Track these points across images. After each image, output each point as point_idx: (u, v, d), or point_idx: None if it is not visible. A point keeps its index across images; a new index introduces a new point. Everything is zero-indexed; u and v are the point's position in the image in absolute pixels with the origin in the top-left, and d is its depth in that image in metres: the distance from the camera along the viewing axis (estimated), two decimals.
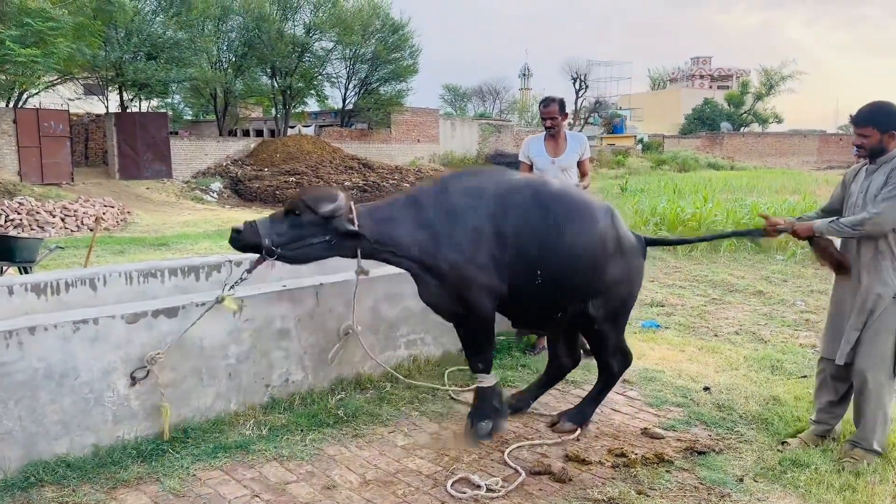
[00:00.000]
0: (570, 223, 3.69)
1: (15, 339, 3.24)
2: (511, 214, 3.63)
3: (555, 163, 5.49)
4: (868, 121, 3.49)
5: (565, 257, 3.66)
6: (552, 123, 5.47)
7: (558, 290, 3.74)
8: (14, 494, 3.16)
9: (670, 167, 37.82)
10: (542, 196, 3.73)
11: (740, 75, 64.00)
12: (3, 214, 14.70)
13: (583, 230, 3.70)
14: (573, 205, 3.78)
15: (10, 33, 14.13)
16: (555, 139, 5.55)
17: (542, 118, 5.53)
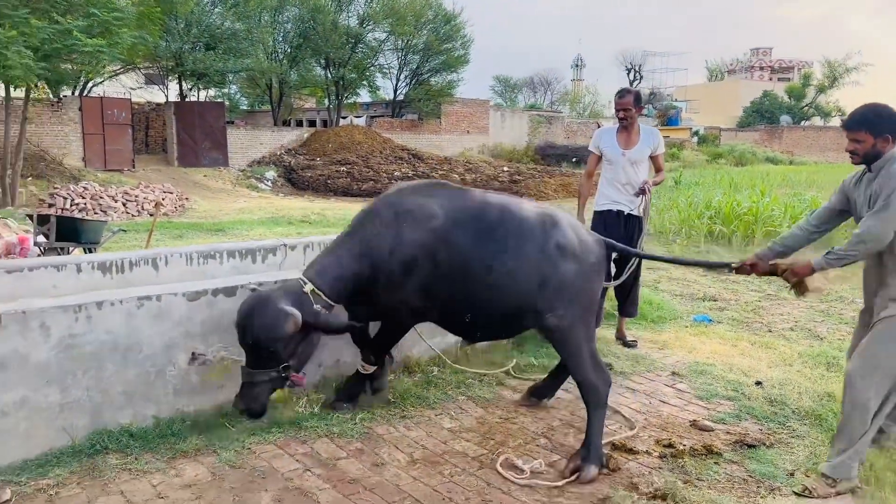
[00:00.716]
0: (499, 256, 3.53)
1: (84, 313, 3.41)
2: (441, 249, 3.54)
3: (625, 155, 5.41)
4: (861, 124, 3.29)
5: (495, 287, 3.54)
6: (625, 115, 5.38)
7: (496, 315, 3.66)
8: (81, 460, 3.33)
9: (726, 161, 36.96)
10: (473, 225, 3.60)
11: (802, 67, 62.03)
12: (68, 198, 15.31)
13: (516, 255, 3.54)
14: (508, 234, 3.58)
15: (77, 24, 14.59)
16: (627, 131, 5.45)
17: (616, 109, 5.45)
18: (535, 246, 3.56)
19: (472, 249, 3.54)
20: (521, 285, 3.53)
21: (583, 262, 3.64)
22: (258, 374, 3.42)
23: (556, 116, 40.32)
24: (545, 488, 3.26)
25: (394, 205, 3.72)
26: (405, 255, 3.56)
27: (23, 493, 3.05)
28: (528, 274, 3.53)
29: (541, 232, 3.60)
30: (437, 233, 3.57)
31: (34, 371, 3.27)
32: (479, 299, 3.58)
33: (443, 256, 3.55)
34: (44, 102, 20.29)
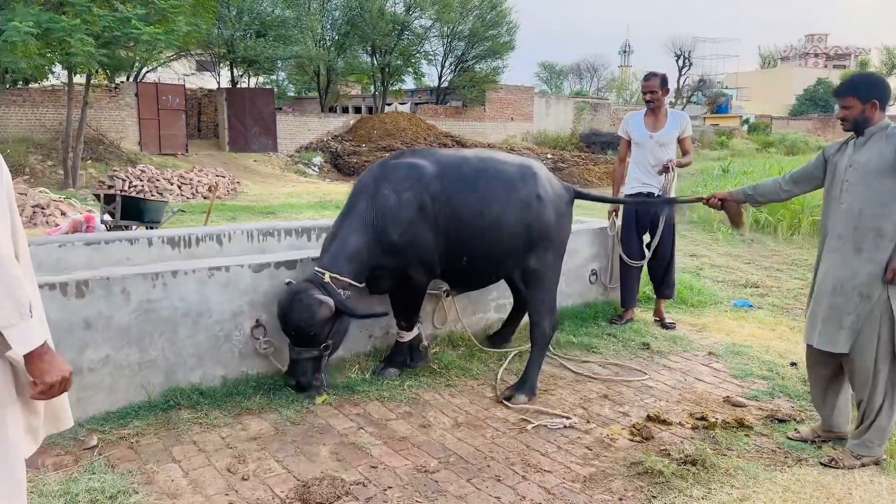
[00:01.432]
0: (485, 199, 4.00)
1: (160, 281, 3.74)
2: (431, 200, 3.95)
3: (653, 137, 5.53)
4: (848, 91, 3.37)
5: (486, 233, 4.01)
6: (651, 98, 5.51)
7: (489, 261, 4.15)
8: (157, 414, 3.67)
9: (777, 150, 36.19)
10: (454, 177, 4.04)
11: (859, 54, 60.14)
12: (126, 181, 15.95)
13: (499, 203, 4.01)
14: (491, 183, 4.05)
15: (135, 12, 15.17)
16: (654, 114, 5.58)
17: (643, 92, 5.61)
18: (518, 194, 4.07)
19: (462, 198, 3.99)
20: (509, 229, 4.03)
21: (558, 209, 4.21)
22: (303, 352, 3.79)
23: (602, 103, 39.98)
24: (581, 451, 3.48)
25: (377, 174, 4.09)
26: (403, 215, 3.92)
27: (107, 440, 3.40)
28: (514, 219, 4.03)
29: (521, 182, 4.11)
30: (427, 188, 3.97)
31: (116, 332, 3.62)
32: (473, 244, 4.03)
33: (436, 207, 3.95)
34: (102, 88, 21.10)
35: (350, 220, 3.97)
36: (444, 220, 3.97)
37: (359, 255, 3.90)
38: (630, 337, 5.31)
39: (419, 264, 4.04)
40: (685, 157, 5.70)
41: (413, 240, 3.95)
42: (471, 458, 3.37)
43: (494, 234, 4.02)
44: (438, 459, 3.35)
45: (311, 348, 3.78)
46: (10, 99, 19.44)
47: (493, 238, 4.03)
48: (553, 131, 33.18)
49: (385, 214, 3.91)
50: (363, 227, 3.93)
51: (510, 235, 4.05)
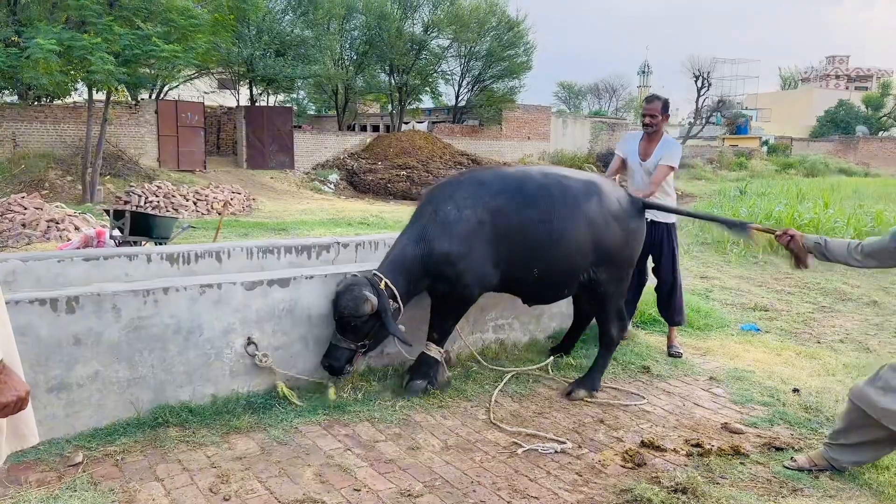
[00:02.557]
0: (553, 213, 4.14)
1: (151, 297, 3.74)
2: (497, 214, 4.12)
3: (642, 165, 5.37)
4: None
5: (555, 245, 4.14)
6: (651, 121, 5.31)
7: (559, 273, 4.27)
8: (145, 431, 3.66)
9: (797, 171, 35.89)
10: (521, 192, 4.20)
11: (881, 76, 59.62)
12: (143, 196, 16.15)
13: (567, 216, 4.15)
14: (558, 198, 4.19)
15: (156, 30, 15.44)
16: (649, 139, 5.37)
17: (643, 114, 5.42)
18: (583, 210, 4.19)
19: (525, 214, 4.13)
20: (575, 243, 4.17)
21: (625, 223, 4.32)
22: (342, 341, 4.04)
23: (620, 123, 39.90)
24: (570, 477, 3.42)
25: (441, 190, 4.34)
26: (459, 230, 4.08)
27: (93, 457, 3.39)
28: (580, 234, 4.16)
29: (585, 198, 4.23)
30: (487, 204, 4.13)
31: (106, 348, 3.62)
32: (540, 258, 4.16)
33: (497, 223, 4.10)
34: (123, 105, 21.44)
35: (410, 233, 4.24)
36: (506, 236, 4.12)
37: (412, 269, 4.14)
38: (630, 360, 5.23)
39: (472, 277, 4.14)
40: (647, 187, 5.22)
41: (467, 253, 4.09)
42: (457, 483, 3.32)
43: (560, 248, 4.16)
44: (424, 483, 3.30)
45: (350, 339, 4.03)
46: (31, 115, 19.81)
47: (560, 252, 4.17)
48: (570, 151, 33.17)
49: (443, 228, 4.10)
50: (419, 240, 4.15)
51: (577, 250, 4.20)
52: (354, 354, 4.10)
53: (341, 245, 5.61)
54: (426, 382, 4.32)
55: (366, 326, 4.00)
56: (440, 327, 4.38)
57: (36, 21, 14.43)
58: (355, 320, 3.95)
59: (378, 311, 3.95)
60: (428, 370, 4.36)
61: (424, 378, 4.33)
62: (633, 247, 4.48)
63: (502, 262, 4.18)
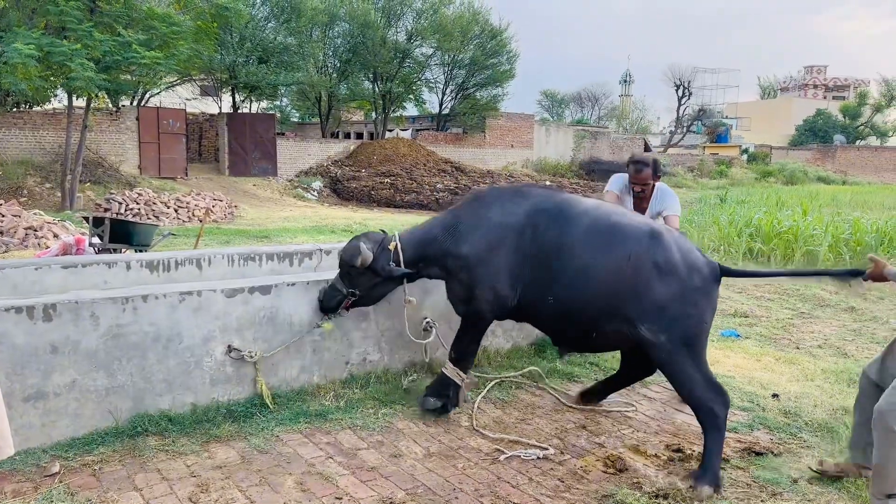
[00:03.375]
0: (587, 244, 3.72)
1: (130, 305, 3.70)
2: (532, 230, 3.86)
3: None
4: None
5: (579, 278, 3.70)
6: (643, 189, 4.81)
7: (578, 310, 3.75)
8: (123, 440, 3.61)
9: (776, 179, 36.37)
10: (564, 216, 3.86)
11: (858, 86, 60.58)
12: (123, 203, 15.99)
13: (602, 252, 3.68)
14: (594, 226, 3.77)
15: (137, 37, 15.33)
16: (640, 200, 4.89)
17: (633, 184, 4.81)
18: (626, 251, 3.64)
19: (560, 235, 3.79)
20: (606, 285, 3.63)
21: (684, 284, 3.60)
22: (336, 283, 4.16)
23: (602, 132, 40.21)
24: (552, 483, 3.42)
25: (490, 190, 4.24)
26: (493, 235, 3.92)
27: (70, 467, 3.34)
28: (615, 277, 3.62)
29: (635, 242, 3.65)
30: (525, 216, 3.91)
31: (84, 356, 3.58)
32: (562, 288, 3.74)
33: (528, 238, 3.85)
34: (103, 112, 21.26)
35: (444, 218, 4.19)
36: (532, 254, 3.84)
37: (427, 250, 4.08)
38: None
39: (485, 286, 3.90)
40: None
41: (487, 260, 3.89)
42: (439, 490, 3.31)
43: (582, 281, 3.69)
44: (406, 490, 3.29)
45: (344, 284, 4.11)
46: (10, 121, 19.58)
47: (581, 285, 3.69)
48: (553, 159, 33.36)
49: (474, 227, 3.98)
50: (449, 228, 4.07)
51: (601, 290, 3.66)
52: (344, 299, 4.14)
53: (324, 252, 5.60)
54: (441, 402, 4.14)
55: (359, 278, 4.07)
56: (456, 346, 4.21)
57: (15, 26, 14.28)
58: (348, 268, 4.07)
59: (371, 267, 3.99)
60: (445, 390, 4.16)
61: (439, 397, 4.15)
62: (698, 309, 3.64)
63: (521, 279, 3.88)
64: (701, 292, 3.66)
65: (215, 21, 18.82)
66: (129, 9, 15.94)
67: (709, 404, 3.51)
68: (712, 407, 3.50)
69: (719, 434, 3.51)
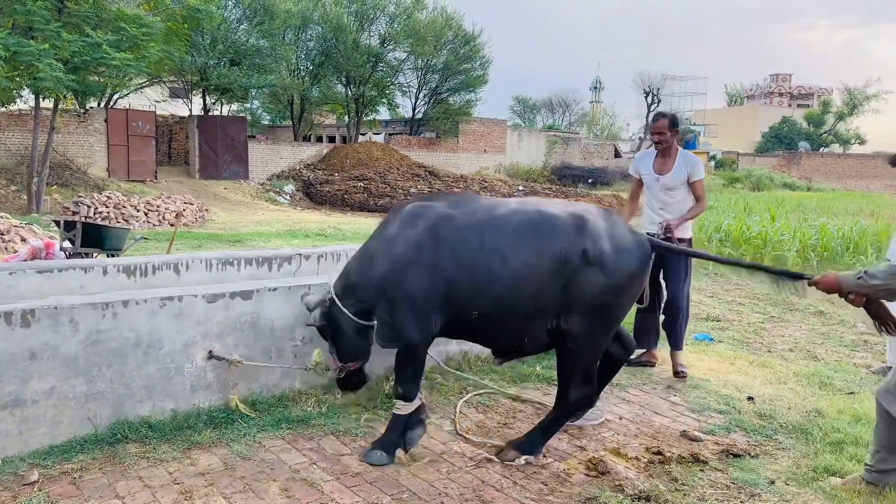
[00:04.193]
0: (513, 250, 3.46)
1: (110, 311, 3.66)
2: (442, 244, 3.52)
3: (659, 180, 5.31)
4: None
5: (507, 286, 3.45)
6: (660, 139, 5.24)
7: (510, 318, 3.55)
8: (103, 448, 3.56)
9: (743, 185, 36.99)
10: (479, 223, 3.57)
11: (822, 94, 62.01)
12: (92, 207, 15.73)
13: (528, 253, 3.45)
14: (519, 228, 3.52)
15: (107, 38, 15.11)
16: (664, 156, 5.32)
17: (651, 133, 5.33)
18: (553, 246, 3.45)
19: (477, 242, 3.49)
20: (534, 285, 3.43)
21: (611, 273, 3.45)
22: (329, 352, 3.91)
23: (573, 137, 40.57)
24: (536, 486, 3.45)
25: (395, 209, 3.86)
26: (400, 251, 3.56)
27: (49, 475, 3.29)
28: (542, 275, 3.43)
29: (562, 233, 3.47)
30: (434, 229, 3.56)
31: (62, 363, 3.52)
32: (485, 298, 3.48)
33: (440, 250, 3.50)
34: (71, 113, 20.89)
35: (366, 247, 3.83)
36: (448, 266, 3.50)
37: (364, 284, 3.68)
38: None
39: (404, 311, 3.54)
40: (698, 205, 5.32)
41: (400, 280, 3.53)
42: (424, 495, 3.32)
43: (510, 288, 3.45)
44: (391, 496, 3.29)
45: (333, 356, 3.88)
46: None
47: (509, 293, 3.46)
48: (525, 164, 33.58)
49: (385, 247, 3.65)
50: (362, 256, 3.79)
51: (534, 293, 3.46)
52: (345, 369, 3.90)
53: (303, 257, 5.58)
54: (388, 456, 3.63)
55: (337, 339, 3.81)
56: (400, 382, 3.72)
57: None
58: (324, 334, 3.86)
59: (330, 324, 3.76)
60: (392, 435, 3.70)
61: (386, 448, 3.65)
62: (621, 299, 3.60)
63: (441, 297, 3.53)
64: (628, 280, 3.58)
65: (186, 23, 18.64)
66: (99, 9, 15.72)
67: (573, 394, 3.66)
68: (572, 398, 3.68)
69: (562, 421, 3.80)
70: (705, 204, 5.43)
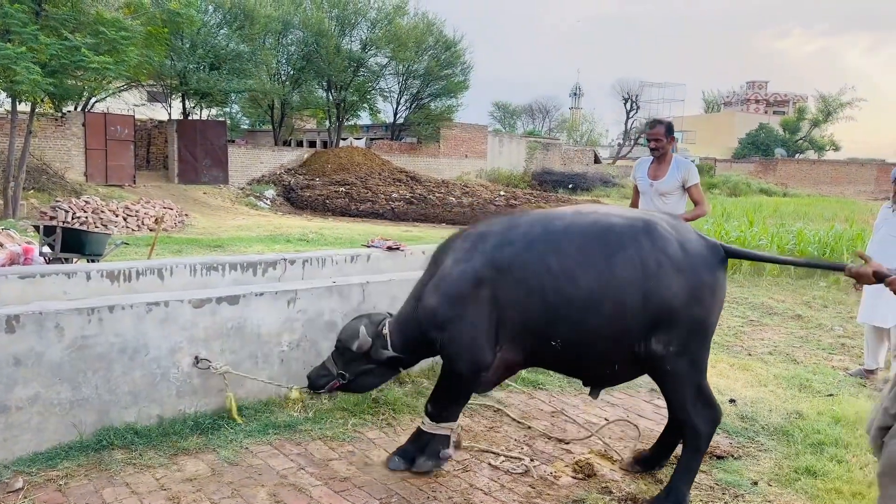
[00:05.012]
0: (584, 266, 3.17)
1: (96, 316, 3.63)
2: (505, 275, 3.26)
3: (653, 185, 5.38)
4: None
5: (586, 309, 3.16)
6: (656, 145, 5.30)
7: (594, 344, 3.25)
8: (88, 454, 3.53)
9: (721, 191, 37.41)
10: (541, 243, 3.27)
11: (797, 101, 62.89)
12: (70, 212, 15.52)
13: (603, 268, 3.15)
14: (588, 243, 3.23)
15: (85, 41, 14.93)
16: (658, 162, 5.37)
17: (647, 139, 5.39)
18: (626, 256, 3.15)
19: (540, 266, 3.21)
20: (613, 301, 3.13)
21: (692, 277, 3.16)
22: (328, 362, 3.71)
23: (553, 143, 40.83)
24: (524, 489, 3.48)
25: (449, 240, 3.64)
26: (470, 278, 3.30)
27: (34, 482, 3.26)
28: (620, 288, 3.13)
29: (632, 241, 3.17)
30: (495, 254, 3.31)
31: (47, 369, 3.49)
32: (565, 322, 3.20)
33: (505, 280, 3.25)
34: (48, 117, 20.61)
35: (427, 276, 3.60)
36: (514, 299, 3.24)
37: (405, 327, 3.58)
38: None
39: (460, 350, 3.36)
40: (696, 209, 5.32)
41: (457, 318, 3.31)
42: (413, 499, 3.33)
43: (591, 311, 3.15)
44: (380, 500, 3.31)
45: (333, 364, 3.68)
46: None
47: (591, 316, 3.16)
48: (506, 169, 33.71)
49: (436, 285, 3.44)
50: (415, 297, 3.60)
51: (615, 310, 3.14)
52: (333, 380, 3.67)
53: (288, 262, 5.56)
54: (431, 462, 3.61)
55: (353, 362, 3.62)
56: (435, 401, 3.61)
57: None
58: (343, 349, 3.64)
59: (367, 352, 3.56)
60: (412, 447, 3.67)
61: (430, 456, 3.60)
62: (706, 306, 3.22)
63: (508, 332, 3.30)
64: (711, 286, 3.23)
65: (166, 27, 18.49)
66: (77, 12, 15.55)
67: (696, 421, 3.25)
68: (699, 426, 3.25)
69: (697, 456, 3.30)
70: (706, 207, 5.47)
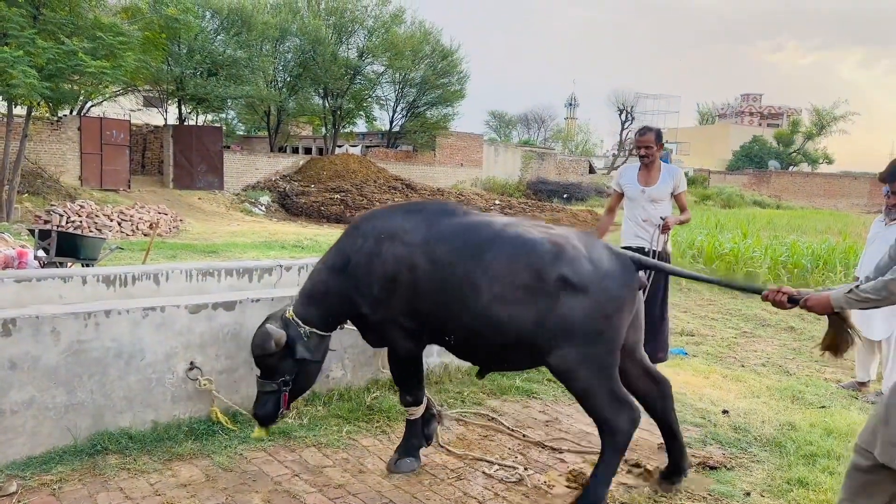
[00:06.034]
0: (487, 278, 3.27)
1: (92, 321, 3.64)
2: (424, 266, 3.38)
3: (644, 192, 5.33)
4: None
5: (479, 317, 3.28)
6: (647, 152, 5.22)
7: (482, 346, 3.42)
8: (83, 459, 3.53)
9: (714, 203, 37.59)
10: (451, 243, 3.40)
11: (791, 114, 63.26)
12: (65, 216, 15.50)
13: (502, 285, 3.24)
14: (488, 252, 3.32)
15: (82, 46, 14.95)
16: (648, 169, 5.31)
17: (637, 146, 5.32)
18: (530, 274, 3.23)
19: (455, 267, 3.32)
20: (512, 315, 3.23)
21: (597, 295, 3.20)
22: (264, 384, 3.54)
23: (549, 153, 40.95)
24: (517, 498, 3.49)
25: (368, 216, 3.71)
26: (385, 269, 3.43)
27: (28, 486, 3.25)
28: (520, 304, 3.22)
29: (537, 258, 3.23)
30: (418, 247, 3.41)
31: (43, 373, 3.49)
32: (467, 322, 3.33)
33: (423, 271, 3.37)
34: (44, 121, 20.60)
35: (332, 258, 3.64)
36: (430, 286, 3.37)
37: (330, 298, 3.58)
38: None
39: (400, 329, 3.51)
40: (683, 214, 5.39)
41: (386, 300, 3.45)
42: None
43: (491, 317, 3.25)
44: None
45: (268, 380, 3.52)
46: None
47: (490, 322, 3.26)
48: (501, 178, 33.80)
49: (367, 262, 3.48)
50: (342, 269, 3.56)
51: (513, 324, 3.24)
52: (280, 395, 3.55)
53: (283, 268, 5.58)
54: (416, 461, 3.77)
55: (280, 363, 3.50)
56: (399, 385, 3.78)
57: None
58: (264, 359, 3.50)
59: (289, 344, 3.49)
60: (414, 441, 3.79)
61: (413, 454, 3.77)
62: (610, 320, 3.26)
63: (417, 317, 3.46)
64: (615, 301, 3.27)
65: (164, 32, 18.55)
66: (75, 17, 15.57)
67: (611, 417, 3.28)
68: (615, 422, 3.28)
69: (616, 457, 3.33)
70: (690, 214, 5.52)
